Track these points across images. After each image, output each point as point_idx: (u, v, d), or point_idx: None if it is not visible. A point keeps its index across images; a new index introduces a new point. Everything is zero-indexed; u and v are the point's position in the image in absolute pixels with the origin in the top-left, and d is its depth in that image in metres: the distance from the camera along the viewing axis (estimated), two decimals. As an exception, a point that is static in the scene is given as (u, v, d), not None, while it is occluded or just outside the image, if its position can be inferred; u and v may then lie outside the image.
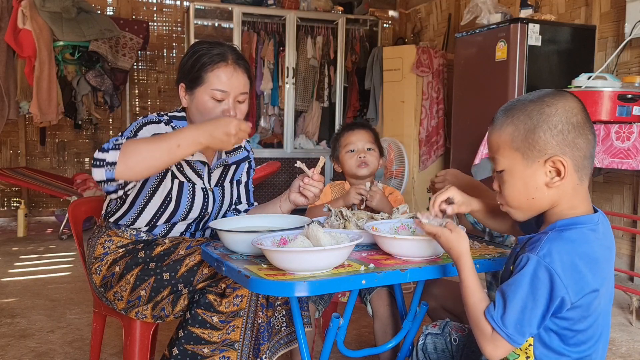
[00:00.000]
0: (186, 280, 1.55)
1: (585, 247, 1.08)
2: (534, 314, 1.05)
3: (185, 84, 1.66)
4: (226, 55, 1.63)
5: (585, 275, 1.06)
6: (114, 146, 1.40)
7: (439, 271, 1.28)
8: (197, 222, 1.75)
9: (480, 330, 1.10)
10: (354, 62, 5.92)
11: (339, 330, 1.46)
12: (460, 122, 4.07)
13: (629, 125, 2.61)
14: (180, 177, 1.67)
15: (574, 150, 1.09)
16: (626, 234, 3.50)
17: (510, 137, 1.12)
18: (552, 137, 1.08)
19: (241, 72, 1.65)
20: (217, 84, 1.61)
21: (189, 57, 1.66)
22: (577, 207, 1.12)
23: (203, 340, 1.47)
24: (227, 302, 1.48)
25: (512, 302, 1.06)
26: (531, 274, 1.05)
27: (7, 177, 4.71)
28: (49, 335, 2.53)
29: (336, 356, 1.77)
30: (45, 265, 3.81)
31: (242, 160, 1.86)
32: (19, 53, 4.43)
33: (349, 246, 1.22)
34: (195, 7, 5.32)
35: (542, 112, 1.09)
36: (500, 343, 1.07)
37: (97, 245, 1.68)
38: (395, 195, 2.08)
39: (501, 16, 3.80)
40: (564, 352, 1.11)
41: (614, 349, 2.47)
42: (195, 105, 1.64)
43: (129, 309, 1.60)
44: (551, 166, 1.09)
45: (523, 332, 1.06)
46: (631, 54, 3.46)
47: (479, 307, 1.11)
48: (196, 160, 1.70)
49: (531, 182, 1.11)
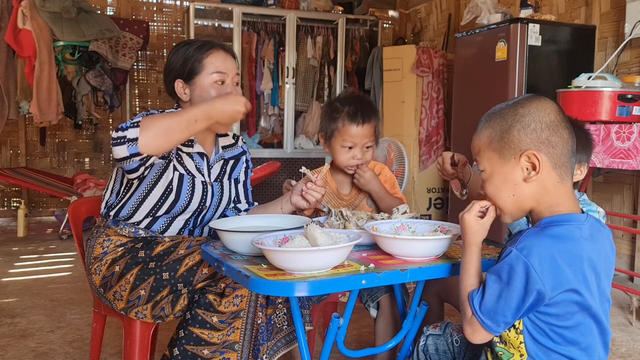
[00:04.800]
0: (186, 280, 1.55)
1: (568, 244, 1.10)
2: (508, 304, 1.10)
3: (182, 79, 1.69)
4: (213, 42, 1.73)
5: (564, 271, 1.08)
6: (132, 124, 1.46)
7: (439, 271, 1.29)
8: (195, 217, 1.75)
9: (463, 312, 1.18)
10: (354, 62, 5.92)
11: (339, 330, 1.46)
12: (460, 122, 4.07)
13: (629, 125, 2.62)
14: (180, 170, 1.69)
15: (549, 148, 1.14)
16: (626, 234, 3.50)
17: (488, 139, 1.18)
18: (525, 135, 1.14)
19: (230, 55, 1.74)
20: (215, 67, 1.68)
21: (176, 56, 1.71)
22: (560, 205, 1.16)
23: (203, 341, 1.47)
24: (226, 301, 1.48)
25: (489, 291, 1.13)
26: (509, 265, 1.10)
27: (7, 177, 4.71)
28: (49, 335, 2.53)
29: (336, 356, 1.77)
30: (45, 265, 3.81)
31: (239, 156, 1.89)
32: (19, 53, 4.43)
33: (346, 246, 1.22)
34: (195, 7, 5.32)
35: (516, 114, 1.16)
36: (477, 327, 1.14)
37: (96, 245, 1.68)
38: (385, 175, 1.97)
39: (501, 16, 3.80)
40: (554, 349, 1.13)
41: (614, 349, 2.47)
42: (198, 94, 1.68)
43: (128, 308, 1.60)
44: (526, 161, 1.14)
45: (497, 320, 1.12)
46: (631, 54, 3.46)
47: (467, 290, 1.18)
48: (195, 152, 1.73)
49: (510, 179, 1.16)
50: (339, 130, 1.86)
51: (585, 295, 1.10)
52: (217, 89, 1.68)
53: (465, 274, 1.20)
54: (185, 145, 1.71)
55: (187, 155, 1.72)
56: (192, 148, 1.72)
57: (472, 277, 1.19)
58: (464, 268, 1.21)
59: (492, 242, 1.54)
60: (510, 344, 1.17)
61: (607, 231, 1.21)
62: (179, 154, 1.70)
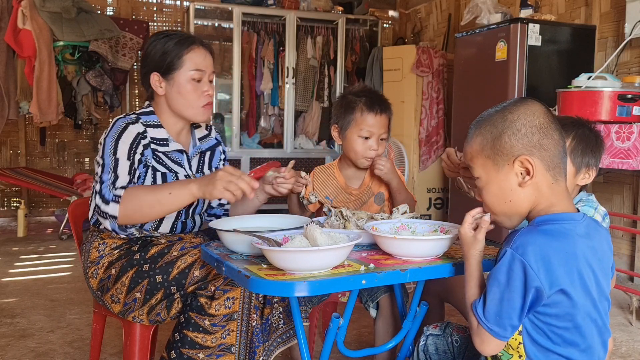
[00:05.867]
0: (178, 283, 1.55)
1: (562, 242, 1.10)
2: (512, 305, 1.10)
3: (160, 73, 1.69)
4: (194, 38, 1.72)
5: (555, 271, 1.08)
6: (114, 197, 1.53)
7: (439, 271, 1.29)
8: (186, 210, 1.75)
9: (470, 323, 1.17)
10: (354, 62, 5.92)
11: (339, 330, 1.45)
12: (460, 122, 4.07)
13: (629, 125, 2.61)
14: (161, 169, 1.69)
15: (541, 151, 1.14)
16: (626, 234, 3.50)
17: (480, 147, 1.19)
18: (517, 140, 1.15)
19: (209, 52, 1.74)
20: (195, 65, 1.68)
21: (154, 48, 1.69)
22: (555, 205, 1.16)
23: (197, 345, 1.48)
24: (216, 304, 1.48)
25: (490, 295, 1.12)
26: (506, 266, 1.10)
27: (7, 177, 4.70)
28: (49, 335, 2.53)
29: (336, 356, 1.77)
30: (45, 265, 3.81)
31: (214, 147, 1.90)
32: (19, 53, 4.43)
33: (346, 246, 1.22)
34: (195, 7, 5.32)
35: (505, 119, 1.16)
36: (485, 336, 1.13)
37: (92, 249, 1.68)
38: None
39: (501, 16, 3.80)
40: (553, 350, 1.13)
41: (614, 349, 2.47)
42: (176, 89, 1.69)
43: (126, 312, 1.61)
44: (520, 166, 1.15)
45: (503, 324, 1.11)
46: (631, 54, 3.46)
47: (470, 301, 1.18)
48: (173, 151, 1.73)
49: (505, 185, 1.17)
50: (355, 120, 1.87)
51: (574, 296, 1.09)
52: (194, 86, 1.69)
53: (466, 285, 1.21)
54: (160, 146, 1.70)
55: (164, 155, 1.71)
56: (168, 147, 1.71)
57: (473, 288, 1.20)
58: (465, 280, 1.22)
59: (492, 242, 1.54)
60: (509, 345, 1.17)
61: (604, 231, 1.21)
62: (157, 155, 1.69)
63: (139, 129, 1.65)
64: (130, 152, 1.61)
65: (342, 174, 1.99)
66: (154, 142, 1.68)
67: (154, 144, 1.68)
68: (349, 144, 1.91)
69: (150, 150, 1.67)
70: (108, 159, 1.59)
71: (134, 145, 1.62)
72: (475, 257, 1.21)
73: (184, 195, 1.53)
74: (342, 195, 1.96)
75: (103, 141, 1.63)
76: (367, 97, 1.89)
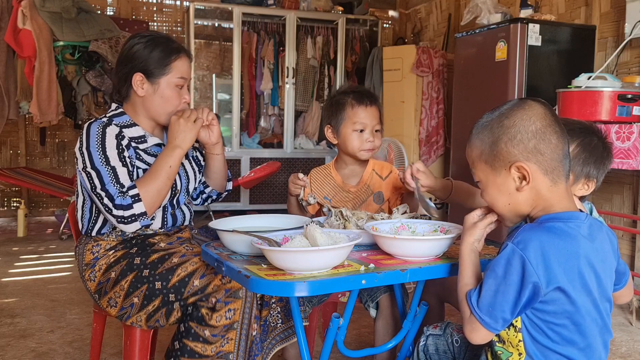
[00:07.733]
0: (177, 291, 1.55)
1: (564, 241, 1.11)
2: (506, 298, 1.10)
3: (145, 74, 1.69)
4: (180, 47, 1.77)
5: (554, 269, 1.09)
6: (133, 199, 1.57)
7: (438, 271, 1.29)
8: (171, 201, 1.76)
9: (462, 312, 1.19)
10: (354, 62, 5.92)
11: (339, 330, 1.46)
12: (460, 122, 4.07)
13: (629, 125, 2.61)
14: (142, 166, 1.70)
15: (537, 156, 1.15)
16: (626, 234, 3.50)
17: (479, 151, 1.21)
18: (512, 147, 1.16)
19: (190, 61, 1.81)
20: (180, 73, 1.74)
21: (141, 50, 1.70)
22: (554, 205, 1.17)
23: (197, 354, 1.48)
24: (217, 316, 1.49)
25: (485, 286, 1.14)
26: (505, 259, 1.11)
27: (7, 177, 4.70)
28: (49, 335, 2.53)
29: (336, 356, 1.77)
30: (45, 265, 3.81)
31: None
32: (19, 53, 4.43)
33: (346, 246, 1.22)
34: (195, 7, 5.32)
35: (502, 125, 1.17)
36: (476, 326, 1.15)
37: (86, 252, 1.68)
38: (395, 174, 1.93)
39: (501, 16, 3.80)
40: (553, 348, 1.13)
41: (614, 349, 2.47)
42: (159, 93, 1.71)
43: (122, 316, 1.61)
44: (516, 172, 1.16)
45: (495, 316, 1.12)
46: (631, 54, 3.46)
47: (464, 290, 1.19)
48: (152, 145, 1.74)
49: (504, 189, 1.19)
50: (348, 116, 1.90)
51: (573, 295, 1.10)
52: (177, 92, 1.74)
53: (460, 274, 1.23)
54: (140, 143, 1.72)
55: (144, 152, 1.72)
56: (147, 143, 1.74)
57: (467, 277, 1.21)
58: (459, 267, 1.24)
59: (492, 242, 1.54)
60: (509, 343, 1.17)
61: (608, 231, 1.22)
62: (138, 153, 1.71)
63: (114, 131, 1.66)
64: (120, 156, 1.62)
65: (339, 173, 1.99)
66: (133, 141, 1.70)
67: (133, 142, 1.70)
68: (345, 141, 1.91)
69: (132, 150, 1.69)
70: (103, 169, 1.59)
71: (119, 148, 1.63)
72: (469, 244, 1.23)
73: (178, 157, 1.66)
74: (340, 193, 1.96)
75: (86, 151, 1.62)
76: (354, 92, 1.93)
